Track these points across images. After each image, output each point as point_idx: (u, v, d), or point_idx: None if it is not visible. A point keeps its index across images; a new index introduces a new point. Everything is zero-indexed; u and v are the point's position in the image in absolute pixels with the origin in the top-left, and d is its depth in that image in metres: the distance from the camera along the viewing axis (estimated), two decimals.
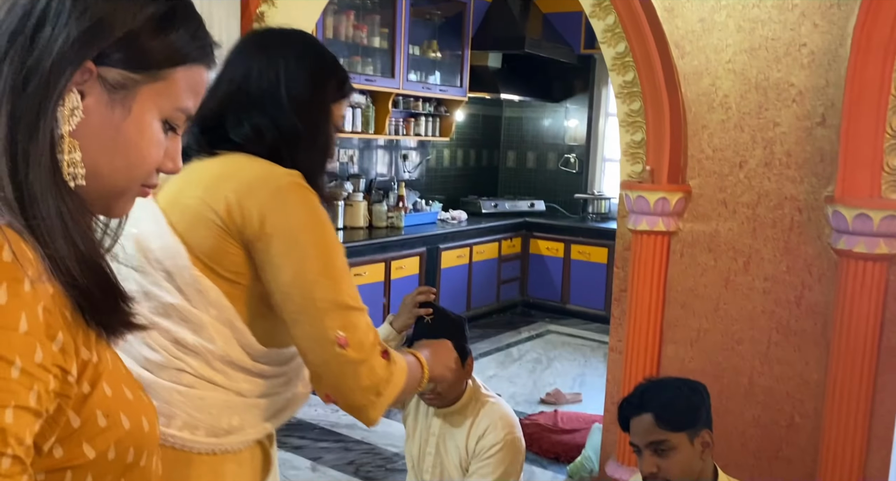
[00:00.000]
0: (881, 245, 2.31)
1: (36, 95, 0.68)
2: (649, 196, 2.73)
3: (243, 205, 1.17)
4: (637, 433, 1.83)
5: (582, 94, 6.76)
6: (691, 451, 1.79)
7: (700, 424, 1.82)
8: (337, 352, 1.18)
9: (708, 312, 2.73)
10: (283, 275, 1.17)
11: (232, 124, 1.27)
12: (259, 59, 1.30)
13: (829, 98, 2.44)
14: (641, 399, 1.84)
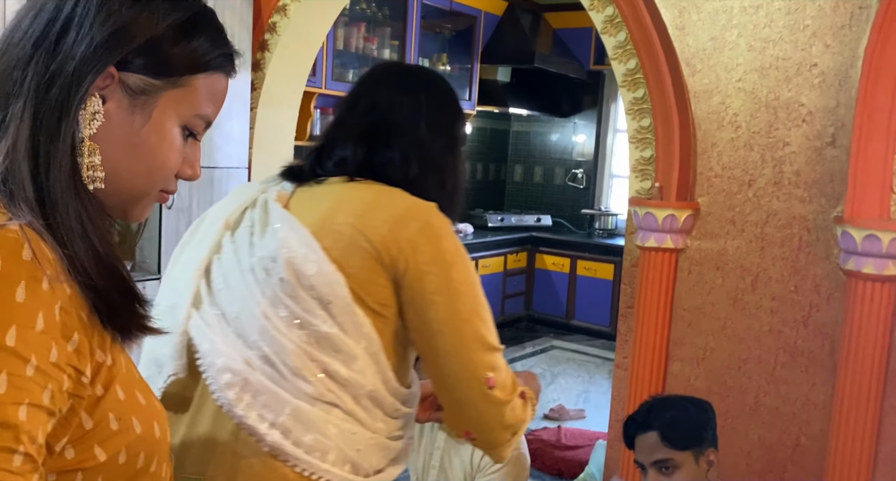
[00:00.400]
0: (890, 266, 2.30)
1: (59, 99, 0.69)
2: (658, 213, 2.72)
3: (398, 237, 1.14)
4: (642, 451, 1.82)
5: (591, 110, 6.78)
6: (696, 470, 1.78)
7: (706, 443, 1.81)
8: (485, 392, 1.17)
9: (715, 331, 2.72)
10: (436, 312, 1.15)
11: (374, 153, 1.25)
12: (402, 93, 1.30)
13: (840, 119, 2.44)
14: (647, 417, 1.83)
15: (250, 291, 1.13)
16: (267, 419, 1.08)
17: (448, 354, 1.17)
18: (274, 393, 1.09)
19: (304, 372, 1.10)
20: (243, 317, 1.12)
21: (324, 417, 1.11)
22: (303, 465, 1.09)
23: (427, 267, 1.15)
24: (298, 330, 1.11)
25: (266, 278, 1.13)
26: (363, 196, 1.20)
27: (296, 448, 1.09)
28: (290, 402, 1.09)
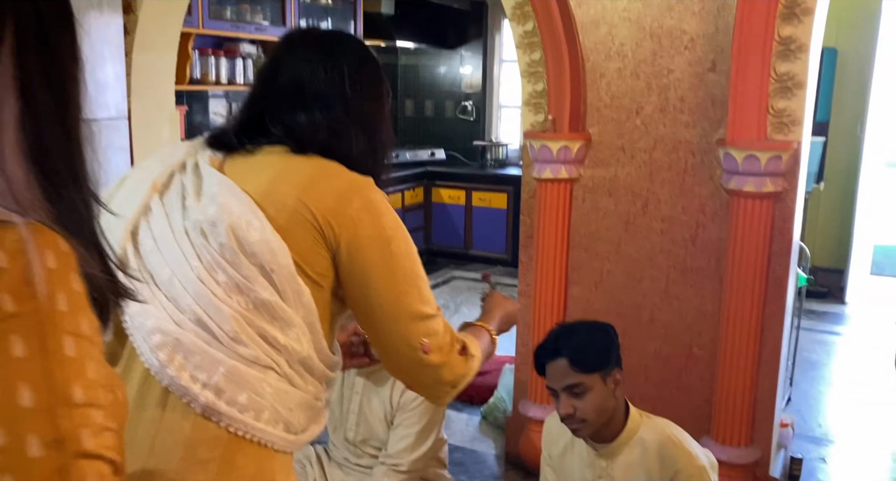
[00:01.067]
0: (768, 183, 2.46)
1: None
2: (552, 145, 2.79)
3: (341, 211, 1.17)
4: (553, 377, 1.90)
5: (476, 41, 6.77)
6: (605, 391, 1.88)
7: (611, 364, 1.90)
8: (420, 357, 1.23)
9: (610, 254, 2.85)
10: (376, 286, 1.20)
11: (304, 123, 1.24)
12: (321, 61, 1.28)
13: (719, 44, 2.55)
14: (556, 344, 1.90)
15: (185, 255, 1.12)
16: (199, 379, 1.08)
17: (385, 324, 1.23)
18: (207, 353, 1.08)
19: (242, 336, 1.11)
20: (175, 281, 1.11)
21: (259, 377, 1.12)
22: (237, 425, 1.10)
23: (368, 241, 1.18)
24: (237, 295, 1.11)
25: (203, 243, 1.12)
26: (306, 169, 1.21)
27: (230, 407, 1.09)
28: (225, 362, 1.09)
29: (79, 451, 0.62)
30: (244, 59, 5.03)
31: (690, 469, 1.88)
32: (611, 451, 1.95)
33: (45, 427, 0.60)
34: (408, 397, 2.26)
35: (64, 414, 0.61)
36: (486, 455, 3.22)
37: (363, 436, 2.36)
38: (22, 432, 0.59)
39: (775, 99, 2.43)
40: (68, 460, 0.61)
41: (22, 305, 0.61)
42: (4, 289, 0.60)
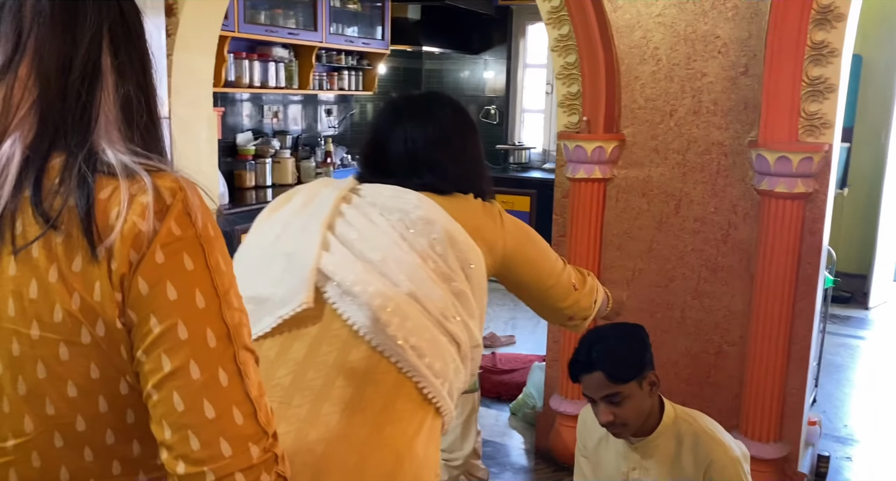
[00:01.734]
0: (799, 184, 2.52)
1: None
2: (586, 145, 2.86)
3: (494, 229, 1.48)
4: (589, 388, 1.91)
5: (500, 46, 6.85)
6: (641, 395, 1.91)
7: (646, 369, 1.93)
8: (560, 307, 1.70)
9: (642, 253, 2.91)
10: (529, 275, 1.58)
11: (437, 176, 1.49)
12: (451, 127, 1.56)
13: (752, 49, 2.62)
14: (589, 357, 1.89)
15: (396, 244, 1.31)
16: (410, 342, 1.24)
17: (537, 301, 1.68)
18: (420, 320, 1.26)
19: (447, 312, 1.31)
20: (389, 262, 1.29)
21: (451, 351, 1.31)
22: (429, 388, 1.26)
23: (520, 247, 1.54)
24: (442, 282, 1.33)
25: (414, 236, 1.33)
26: (463, 202, 1.48)
27: (428, 370, 1.25)
28: (431, 330, 1.27)
29: (242, 344, 0.78)
30: (276, 63, 5.13)
31: (724, 460, 1.92)
32: (646, 444, 1.99)
33: (218, 324, 0.76)
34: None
35: (228, 314, 0.77)
36: (515, 448, 3.29)
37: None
38: (202, 327, 0.75)
39: (807, 102, 2.49)
40: (238, 350, 0.77)
41: (186, 231, 0.76)
42: (172, 218, 0.75)
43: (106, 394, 0.76)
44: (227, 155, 5.03)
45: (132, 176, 0.76)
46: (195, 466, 0.73)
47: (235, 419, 0.74)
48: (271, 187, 5.15)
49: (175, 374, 0.74)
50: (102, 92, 0.81)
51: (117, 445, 0.78)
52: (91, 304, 0.73)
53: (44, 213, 0.73)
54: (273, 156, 5.21)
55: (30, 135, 0.77)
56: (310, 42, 5.24)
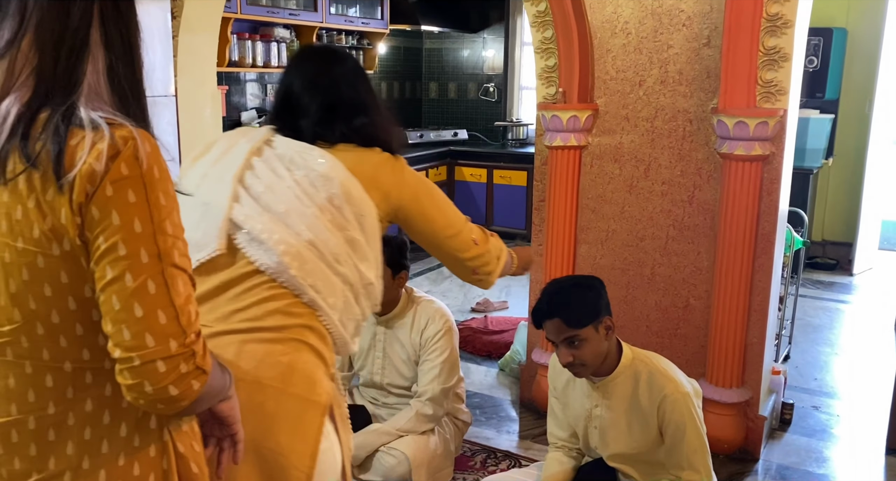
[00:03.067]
0: (756, 147, 2.72)
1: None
2: (562, 115, 3.07)
3: (391, 181, 1.63)
4: (550, 332, 2.12)
5: (498, 25, 7.02)
6: (597, 338, 2.10)
7: (601, 314, 2.12)
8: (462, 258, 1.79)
9: (615, 215, 3.12)
10: (424, 221, 1.70)
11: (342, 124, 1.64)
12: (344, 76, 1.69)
13: (713, 22, 2.81)
14: (549, 306, 2.11)
15: (298, 197, 1.50)
16: (307, 281, 1.46)
17: (437, 246, 1.76)
18: (316, 264, 1.48)
19: (339, 257, 1.52)
20: (292, 214, 1.49)
21: (343, 288, 1.53)
22: (326, 319, 1.50)
23: (415, 198, 1.68)
24: (338, 231, 1.52)
25: (314, 191, 1.52)
26: (364, 156, 1.63)
27: (324, 303, 1.48)
28: (325, 272, 1.49)
29: (171, 263, 0.97)
30: (278, 43, 5.34)
31: (675, 394, 2.11)
32: (606, 383, 2.19)
33: (150, 245, 0.95)
34: (428, 334, 2.56)
35: (161, 239, 0.96)
36: (502, 400, 3.52)
37: (389, 379, 2.66)
38: (137, 247, 0.95)
39: (763, 71, 2.68)
40: (165, 266, 0.96)
41: (132, 171, 0.95)
42: (123, 161, 0.94)
43: (74, 296, 0.98)
44: None
45: (96, 128, 0.95)
46: (126, 352, 0.94)
47: (159, 319, 0.94)
48: None
49: (114, 281, 0.94)
50: (89, 62, 1.00)
51: (86, 336, 1.00)
52: (58, 226, 0.95)
53: (27, 155, 0.94)
54: None
55: (26, 96, 0.97)
56: (310, 22, 5.44)
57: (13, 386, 1.01)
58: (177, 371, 0.94)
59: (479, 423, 3.25)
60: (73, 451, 1.03)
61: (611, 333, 2.15)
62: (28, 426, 1.02)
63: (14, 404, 1.01)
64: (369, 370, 2.69)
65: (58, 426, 1.02)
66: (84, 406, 1.02)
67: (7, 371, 1.01)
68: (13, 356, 1.00)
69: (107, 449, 1.03)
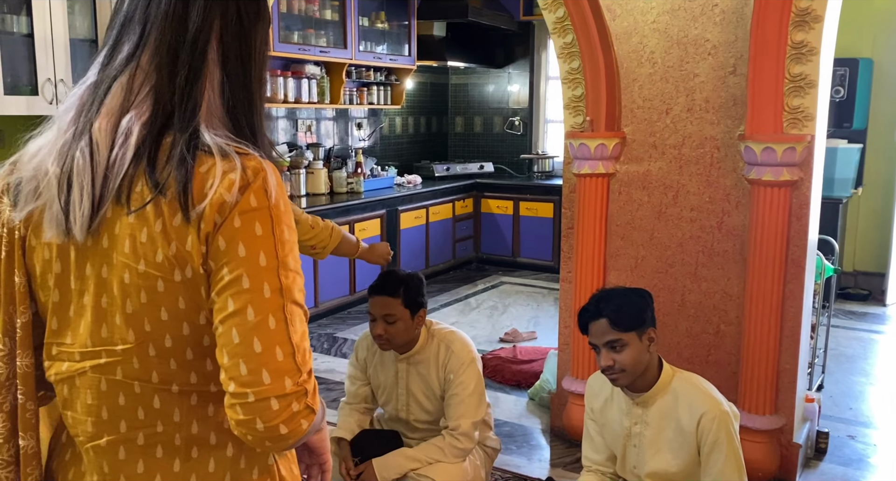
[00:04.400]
0: (784, 173, 2.74)
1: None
2: (590, 143, 3.11)
3: None
4: (595, 335, 2.17)
5: (523, 60, 7.13)
6: (640, 346, 2.15)
7: (646, 324, 2.17)
8: (310, 250, 2.33)
9: (644, 241, 3.14)
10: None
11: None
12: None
13: (739, 50, 2.85)
14: (597, 306, 2.17)
15: None
16: None
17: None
18: None
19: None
20: None
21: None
22: None
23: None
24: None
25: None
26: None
27: None
28: None
29: (291, 299, 0.95)
30: (309, 80, 5.47)
31: (715, 411, 2.12)
32: (645, 400, 2.21)
33: (274, 279, 0.94)
34: (452, 367, 2.50)
35: (283, 274, 0.95)
36: (532, 429, 3.51)
37: (414, 415, 2.63)
38: (260, 281, 0.93)
39: (790, 97, 2.71)
40: (286, 302, 0.94)
41: (261, 203, 0.94)
42: (252, 193, 0.93)
43: (189, 322, 0.97)
44: None
45: (226, 156, 0.93)
46: (241, 387, 0.91)
47: (277, 356, 0.91)
48: (306, 196, 5.47)
49: (235, 314, 0.91)
50: (206, 82, 0.97)
51: (195, 361, 0.99)
52: (183, 253, 0.93)
53: (155, 182, 0.93)
54: (307, 167, 5.53)
55: (145, 116, 0.95)
56: (340, 59, 5.57)
57: (123, 404, 1.00)
58: (289, 410, 0.91)
59: (509, 451, 3.24)
60: (180, 469, 1.03)
61: (653, 345, 2.18)
62: (137, 442, 1.02)
63: (123, 421, 1.01)
64: (394, 406, 2.66)
65: (165, 444, 1.02)
66: (190, 428, 1.02)
67: (117, 390, 1.00)
68: (122, 375, 1.00)
69: (213, 468, 1.03)
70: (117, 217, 0.95)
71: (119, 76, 0.97)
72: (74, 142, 0.96)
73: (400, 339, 2.48)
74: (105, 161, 0.94)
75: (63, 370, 1.03)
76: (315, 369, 3.91)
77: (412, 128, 7.14)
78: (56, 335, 1.03)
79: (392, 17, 6.18)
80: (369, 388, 2.71)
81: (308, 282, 5.03)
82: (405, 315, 2.43)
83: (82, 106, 0.98)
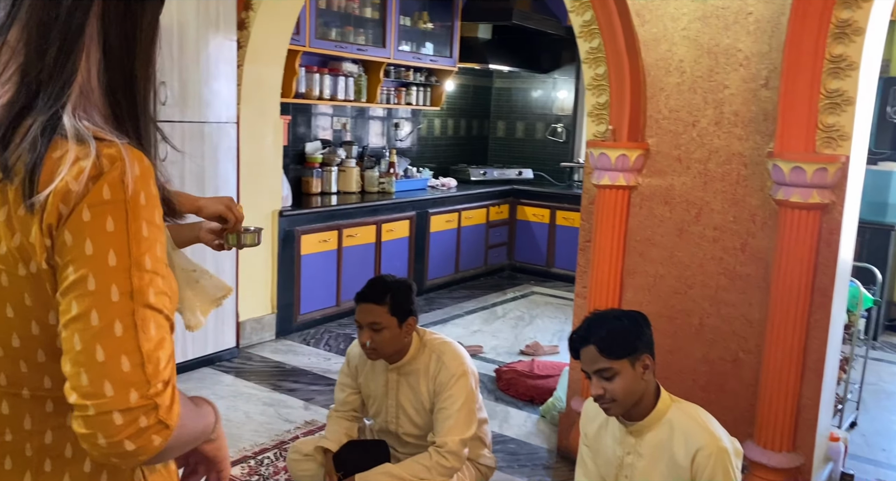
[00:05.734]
0: (814, 195, 2.55)
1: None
2: (611, 153, 2.97)
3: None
4: (585, 362, 2.05)
5: (570, 66, 6.97)
6: (633, 374, 2.01)
7: (640, 351, 2.03)
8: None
9: (663, 259, 2.98)
10: None
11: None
12: None
13: (772, 62, 2.68)
14: (587, 332, 2.04)
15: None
16: None
17: None
18: None
19: None
20: None
21: None
22: None
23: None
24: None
25: None
26: None
27: None
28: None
29: (144, 302, 0.86)
30: (346, 77, 5.42)
31: (712, 448, 1.97)
32: (639, 429, 2.08)
33: (124, 281, 0.85)
34: (442, 379, 2.41)
35: (136, 275, 0.86)
36: (538, 449, 3.37)
37: (403, 428, 2.54)
38: (108, 283, 0.84)
39: (824, 114, 2.53)
40: (137, 307, 0.85)
41: (115, 195, 0.85)
42: (106, 183, 0.84)
43: (37, 320, 0.89)
44: (296, 162, 5.34)
45: (82, 141, 0.85)
46: (81, 399, 0.82)
47: (122, 366, 0.83)
48: (336, 194, 5.42)
49: (78, 318, 0.83)
50: (81, 62, 0.89)
51: (47, 363, 0.91)
52: (26, 245, 0.85)
53: (3, 166, 0.85)
54: (339, 164, 5.49)
55: (7, 95, 0.88)
56: (378, 58, 5.51)
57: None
58: (135, 425, 0.83)
59: (511, 471, 3.12)
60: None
61: (647, 373, 2.04)
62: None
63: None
64: (384, 418, 2.57)
65: (15, 455, 0.94)
66: (43, 438, 0.94)
67: None
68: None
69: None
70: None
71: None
72: None
73: (387, 349, 2.38)
74: None
75: None
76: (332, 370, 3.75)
77: (451, 131, 7.04)
78: None
79: (435, 18, 6.10)
80: (359, 397, 2.62)
81: (330, 281, 4.98)
82: (392, 323, 2.34)
83: None
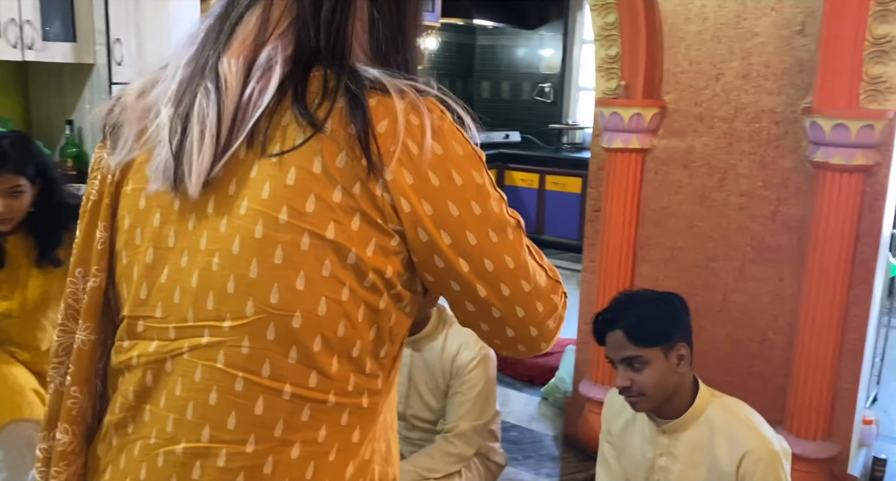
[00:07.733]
0: (858, 156, 2.26)
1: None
2: (624, 112, 2.65)
3: None
4: (611, 348, 1.81)
5: (557, 21, 6.62)
6: (665, 365, 1.76)
7: (675, 338, 1.78)
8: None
9: (682, 230, 2.69)
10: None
11: None
12: None
13: (809, 5, 2.36)
14: (615, 314, 1.80)
15: None
16: None
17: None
18: None
19: None
20: None
21: None
22: None
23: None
24: None
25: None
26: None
27: None
28: None
29: (512, 225, 0.86)
30: None
31: (762, 452, 1.73)
32: (674, 428, 1.82)
33: (499, 223, 0.85)
34: (460, 361, 2.19)
35: (499, 208, 0.85)
36: (543, 436, 3.11)
37: (413, 410, 2.31)
38: (484, 231, 0.82)
39: (870, 64, 2.23)
40: (512, 231, 0.85)
41: (465, 149, 0.82)
42: (451, 138, 0.81)
43: (328, 296, 0.76)
44: None
45: (401, 92, 0.77)
46: (518, 328, 0.85)
47: (539, 281, 0.86)
48: None
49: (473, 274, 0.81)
50: (355, 20, 0.81)
51: (321, 356, 0.77)
52: (349, 201, 0.75)
53: (310, 118, 0.75)
54: None
55: (289, 49, 0.79)
56: None
57: (213, 405, 0.77)
58: (561, 319, 0.91)
59: (514, 462, 2.85)
60: None
61: (683, 364, 1.79)
62: (216, 461, 0.78)
63: (208, 428, 0.78)
64: None
65: (250, 471, 0.78)
66: (290, 452, 0.79)
67: (211, 383, 0.78)
68: (224, 363, 0.77)
69: None
70: (252, 160, 0.77)
71: (252, 6, 0.81)
72: (196, 79, 0.79)
73: None
74: (236, 99, 0.77)
75: (150, 351, 0.81)
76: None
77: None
78: (143, 306, 0.82)
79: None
80: None
81: None
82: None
83: (205, 39, 0.82)
